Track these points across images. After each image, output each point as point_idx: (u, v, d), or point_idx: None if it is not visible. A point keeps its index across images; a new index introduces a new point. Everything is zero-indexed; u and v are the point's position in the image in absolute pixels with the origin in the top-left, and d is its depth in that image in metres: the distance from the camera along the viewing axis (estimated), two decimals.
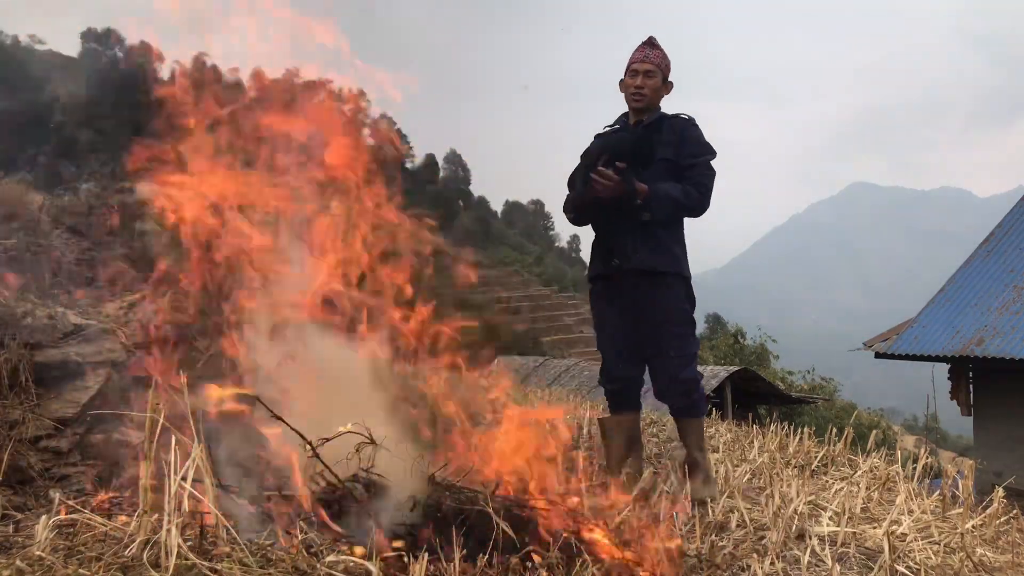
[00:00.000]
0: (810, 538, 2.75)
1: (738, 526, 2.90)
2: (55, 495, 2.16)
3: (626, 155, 3.20)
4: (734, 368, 19.04)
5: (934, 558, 2.69)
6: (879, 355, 11.55)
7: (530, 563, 2.03)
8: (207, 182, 2.41)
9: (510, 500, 2.25)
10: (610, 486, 2.70)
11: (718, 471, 3.61)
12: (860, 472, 4.25)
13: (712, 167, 3.36)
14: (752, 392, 20.06)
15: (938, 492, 3.69)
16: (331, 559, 1.86)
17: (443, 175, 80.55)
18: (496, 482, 2.31)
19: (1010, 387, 10.81)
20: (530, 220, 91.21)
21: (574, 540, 2.12)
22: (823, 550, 2.66)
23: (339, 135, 2.55)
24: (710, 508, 3.02)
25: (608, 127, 3.55)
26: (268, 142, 2.54)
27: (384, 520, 2.10)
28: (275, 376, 2.37)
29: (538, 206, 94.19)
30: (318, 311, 2.50)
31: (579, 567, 2.05)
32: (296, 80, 2.61)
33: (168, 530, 1.74)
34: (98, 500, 2.28)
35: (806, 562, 2.52)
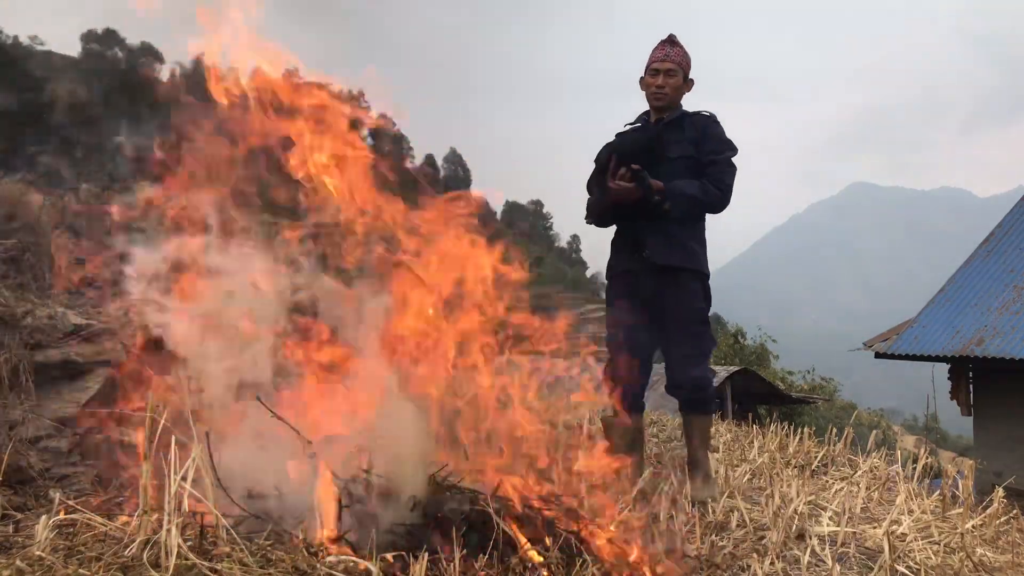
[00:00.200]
0: (810, 538, 2.75)
1: (738, 526, 2.90)
2: (55, 495, 2.16)
3: (636, 156, 3.19)
4: (734, 368, 19.03)
5: (934, 558, 2.68)
6: (879, 355, 11.54)
7: (530, 563, 2.02)
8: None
9: (510, 500, 2.25)
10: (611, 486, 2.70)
11: (718, 471, 3.60)
12: (860, 472, 4.25)
13: (733, 164, 3.37)
14: (752, 392, 20.06)
15: (938, 492, 3.69)
16: (331, 559, 1.86)
17: (443, 175, 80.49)
18: (497, 483, 2.30)
19: (1010, 387, 10.80)
20: (530, 220, 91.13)
21: (574, 540, 2.12)
22: (823, 550, 2.66)
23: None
24: (710, 508, 3.02)
25: (629, 125, 3.55)
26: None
27: (385, 520, 2.10)
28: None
29: (538, 206, 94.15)
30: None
31: (579, 567, 2.05)
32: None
33: (168, 530, 1.74)
34: (98, 500, 2.28)
35: (806, 562, 2.52)
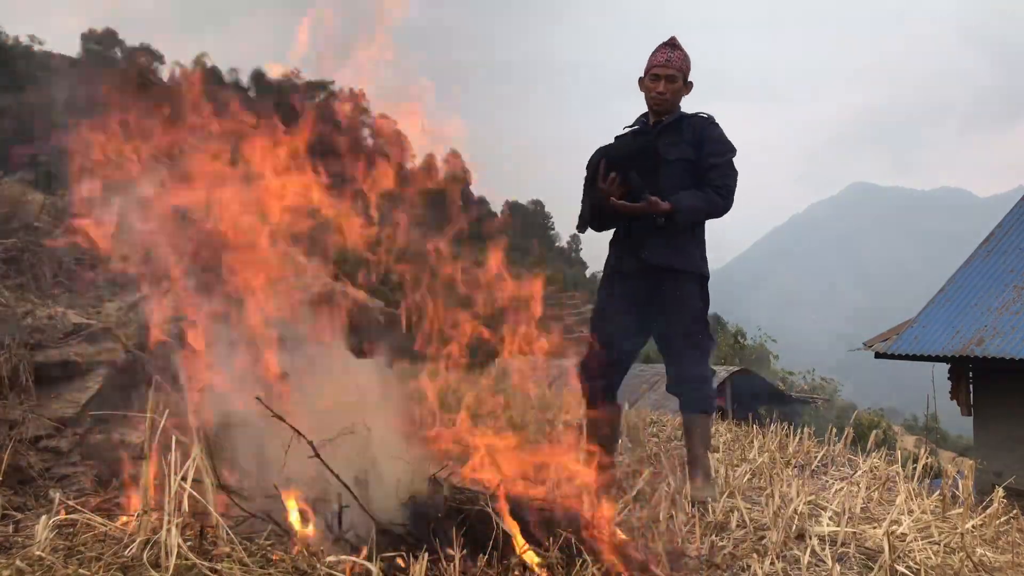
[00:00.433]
0: (810, 538, 2.75)
1: (738, 526, 2.90)
2: (55, 495, 2.16)
3: (628, 161, 3.19)
4: (734, 368, 19.04)
5: (934, 558, 2.68)
6: (879, 355, 11.53)
7: (530, 563, 2.02)
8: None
9: (511, 500, 2.25)
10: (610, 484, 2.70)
11: (718, 471, 3.60)
12: (860, 472, 4.25)
13: (734, 166, 3.36)
14: (752, 392, 20.06)
15: (938, 492, 3.69)
16: (331, 559, 1.86)
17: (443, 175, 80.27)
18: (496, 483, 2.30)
19: (1010, 387, 10.79)
20: (530, 220, 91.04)
21: (574, 540, 2.12)
22: (823, 550, 2.65)
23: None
24: (710, 508, 3.02)
25: (628, 127, 3.53)
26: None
27: (385, 520, 2.10)
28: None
29: (538, 206, 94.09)
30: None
31: (579, 567, 2.05)
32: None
33: (168, 530, 1.74)
34: (98, 500, 2.28)
35: (806, 562, 2.52)
